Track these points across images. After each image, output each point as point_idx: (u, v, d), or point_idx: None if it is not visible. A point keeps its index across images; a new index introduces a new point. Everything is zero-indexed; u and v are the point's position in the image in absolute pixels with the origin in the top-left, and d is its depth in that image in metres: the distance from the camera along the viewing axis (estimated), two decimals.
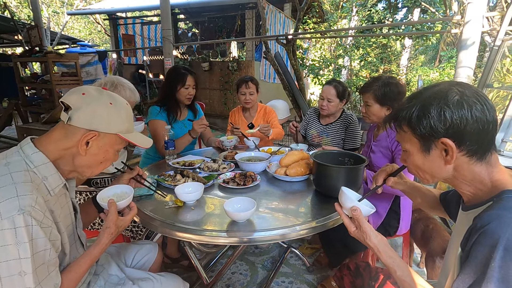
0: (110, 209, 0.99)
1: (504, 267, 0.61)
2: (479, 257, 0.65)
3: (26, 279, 0.72)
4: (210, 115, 7.31)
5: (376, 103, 1.64)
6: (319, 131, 2.33)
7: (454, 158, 0.72)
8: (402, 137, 0.81)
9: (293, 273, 2.04)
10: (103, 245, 0.96)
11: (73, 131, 0.86)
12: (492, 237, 0.63)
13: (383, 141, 1.68)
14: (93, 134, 0.87)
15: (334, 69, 9.74)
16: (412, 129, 0.76)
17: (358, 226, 0.88)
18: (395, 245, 2.40)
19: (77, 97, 0.87)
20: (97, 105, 0.88)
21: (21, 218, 0.71)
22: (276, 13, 7.59)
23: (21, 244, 0.71)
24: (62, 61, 4.77)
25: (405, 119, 0.77)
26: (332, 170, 1.34)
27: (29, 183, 0.78)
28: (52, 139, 0.87)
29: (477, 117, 0.68)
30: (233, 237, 1.07)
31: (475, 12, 2.75)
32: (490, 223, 0.65)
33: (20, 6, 13.83)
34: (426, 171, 0.79)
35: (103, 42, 17.62)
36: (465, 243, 0.71)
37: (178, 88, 2.10)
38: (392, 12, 8.54)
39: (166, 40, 4.46)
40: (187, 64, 7.45)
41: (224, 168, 1.71)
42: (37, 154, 0.83)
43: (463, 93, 0.70)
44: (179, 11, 8.67)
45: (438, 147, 0.74)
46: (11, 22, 6.85)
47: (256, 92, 2.47)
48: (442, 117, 0.70)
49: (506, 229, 0.63)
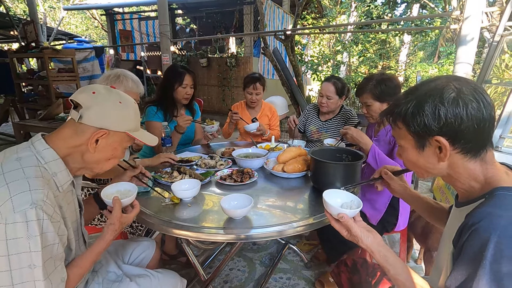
0: (115, 207, 1.01)
1: (495, 264, 0.61)
2: (471, 255, 0.65)
3: (36, 272, 0.74)
4: (208, 111, 7.28)
5: (376, 102, 1.63)
6: (318, 126, 2.33)
7: (448, 156, 0.71)
8: (397, 133, 0.80)
9: (291, 269, 2.05)
10: (107, 241, 0.98)
11: (83, 129, 0.88)
12: (483, 235, 0.63)
13: (383, 135, 1.68)
14: (103, 132, 0.88)
15: (333, 65, 9.71)
16: (406, 126, 0.75)
17: (348, 230, 0.87)
18: (393, 240, 2.41)
19: (87, 95, 0.88)
20: (107, 104, 0.89)
21: (33, 212, 0.72)
22: (274, 9, 7.54)
23: (32, 237, 0.72)
24: (58, 57, 4.74)
25: (400, 115, 0.76)
26: (329, 167, 1.34)
27: (40, 178, 0.79)
28: (62, 137, 0.88)
29: (472, 115, 0.67)
30: (230, 234, 1.07)
31: (474, 7, 2.74)
32: (481, 221, 0.65)
33: (15, 1, 13.69)
34: (421, 167, 0.79)
35: (100, 37, 17.50)
36: (457, 240, 0.71)
37: (176, 87, 2.08)
38: (391, 8, 8.51)
39: (164, 36, 4.42)
40: (185, 60, 7.40)
41: (221, 165, 1.70)
42: (48, 150, 0.85)
43: (460, 90, 0.69)
44: (176, 6, 8.59)
45: (432, 144, 0.73)
46: (7, 18, 6.79)
47: (263, 91, 2.48)
48: (436, 115, 0.69)
49: (496, 227, 0.63)
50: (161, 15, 4.39)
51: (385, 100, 1.62)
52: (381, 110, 1.62)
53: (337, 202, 0.94)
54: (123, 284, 1.09)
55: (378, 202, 1.68)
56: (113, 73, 1.64)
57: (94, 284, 1.06)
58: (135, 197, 1.09)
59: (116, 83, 1.59)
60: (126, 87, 1.61)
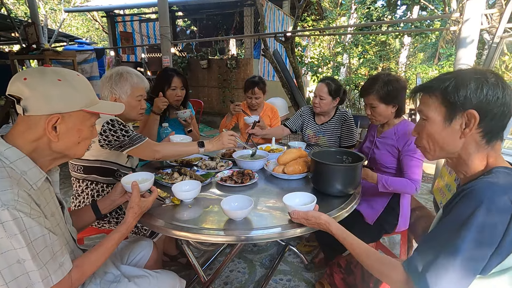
0: (133, 191, 1.07)
1: (481, 227, 0.65)
2: (460, 214, 0.69)
3: (27, 265, 0.73)
4: (209, 113, 7.29)
5: (381, 103, 1.60)
6: (315, 130, 2.32)
7: (471, 132, 0.76)
8: (428, 104, 0.83)
9: (291, 270, 2.05)
10: (128, 224, 1.04)
11: (34, 121, 0.81)
12: (477, 197, 0.68)
13: (390, 138, 1.66)
14: (55, 117, 0.82)
15: (333, 67, 9.73)
16: (444, 97, 0.78)
17: (306, 218, 1.05)
18: (393, 242, 2.40)
19: (20, 84, 0.80)
20: (45, 86, 0.81)
21: (6, 213, 0.70)
22: (274, 10, 7.56)
23: (13, 236, 0.71)
24: (59, 58, 4.74)
25: (440, 87, 0.79)
26: (330, 168, 1.34)
27: (7, 178, 0.75)
28: (19, 133, 0.83)
29: (505, 101, 0.74)
30: (230, 235, 1.07)
31: (473, 9, 2.74)
32: (477, 185, 0.70)
33: (17, 3, 13.73)
34: (438, 142, 0.82)
35: (101, 39, 17.54)
36: (448, 205, 0.75)
37: (165, 90, 2.11)
38: (391, 10, 8.53)
39: (164, 38, 4.43)
40: (186, 61, 7.41)
41: (221, 166, 1.70)
42: (10, 149, 0.80)
43: (497, 77, 0.75)
44: (177, 8, 8.62)
45: (461, 118, 0.77)
46: (8, 19, 6.79)
47: (263, 94, 2.49)
48: (479, 90, 0.74)
49: (492, 191, 0.67)
50: (162, 17, 4.40)
51: (391, 102, 1.59)
52: (386, 112, 1.62)
53: (296, 202, 1.15)
54: (122, 285, 1.08)
55: (376, 202, 1.68)
56: (114, 72, 1.59)
57: (91, 285, 1.05)
58: (152, 183, 1.18)
59: (121, 81, 1.55)
60: (132, 84, 1.57)
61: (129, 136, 1.43)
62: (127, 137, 1.43)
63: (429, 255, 0.73)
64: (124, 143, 1.43)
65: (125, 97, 1.57)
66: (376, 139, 1.75)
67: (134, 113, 1.62)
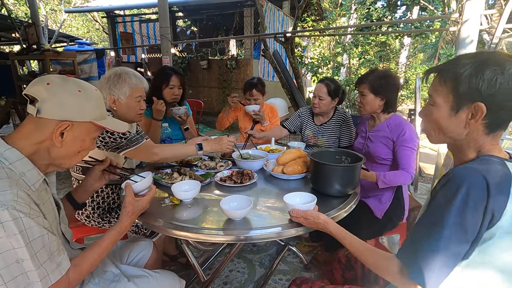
0: (126, 191, 1.08)
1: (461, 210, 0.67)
2: (441, 197, 0.72)
3: (25, 265, 0.73)
4: (209, 113, 7.29)
5: (370, 93, 1.69)
6: (315, 131, 2.32)
7: (477, 123, 0.76)
8: (437, 90, 0.81)
9: (291, 270, 2.05)
10: (122, 222, 1.03)
11: (44, 124, 0.83)
12: (457, 180, 0.70)
13: (383, 131, 1.72)
14: (66, 124, 0.84)
15: (333, 67, 9.73)
16: (454, 85, 0.76)
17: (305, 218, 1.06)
18: (392, 242, 2.41)
19: (41, 88, 0.83)
20: (65, 94, 0.84)
21: (6, 213, 0.71)
22: (274, 11, 7.57)
23: (12, 236, 0.71)
24: (59, 59, 4.74)
25: (453, 74, 0.77)
26: (329, 169, 1.34)
27: (6, 179, 0.76)
28: (24, 134, 0.84)
29: None
30: (230, 235, 1.08)
31: (473, 10, 2.75)
32: (455, 170, 0.73)
33: (17, 4, 13.74)
34: (442, 128, 0.82)
35: (101, 40, 17.55)
36: (433, 191, 0.77)
37: (163, 88, 2.12)
38: (391, 10, 8.53)
39: (164, 38, 4.43)
40: (186, 62, 7.42)
41: (221, 166, 1.71)
42: (10, 150, 0.80)
43: None
44: (177, 9, 8.63)
45: (468, 109, 0.76)
46: (8, 20, 6.81)
47: (262, 95, 2.49)
48: (492, 82, 0.71)
49: (471, 174, 0.69)
50: (162, 18, 4.41)
51: (379, 94, 1.67)
52: (373, 102, 1.70)
53: (297, 202, 1.16)
54: (121, 284, 1.09)
55: (383, 196, 1.73)
56: (112, 73, 1.56)
57: (90, 285, 1.05)
58: (151, 182, 1.19)
59: (119, 83, 1.52)
60: (131, 84, 1.54)
61: (126, 137, 1.44)
62: (124, 139, 1.43)
63: (417, 241, 0.75)
64: (121, 145, 1.43)
65: (124, 98, 1.53)
66: (368, 134, 1.81)
67: (133, 114, 1.58)
